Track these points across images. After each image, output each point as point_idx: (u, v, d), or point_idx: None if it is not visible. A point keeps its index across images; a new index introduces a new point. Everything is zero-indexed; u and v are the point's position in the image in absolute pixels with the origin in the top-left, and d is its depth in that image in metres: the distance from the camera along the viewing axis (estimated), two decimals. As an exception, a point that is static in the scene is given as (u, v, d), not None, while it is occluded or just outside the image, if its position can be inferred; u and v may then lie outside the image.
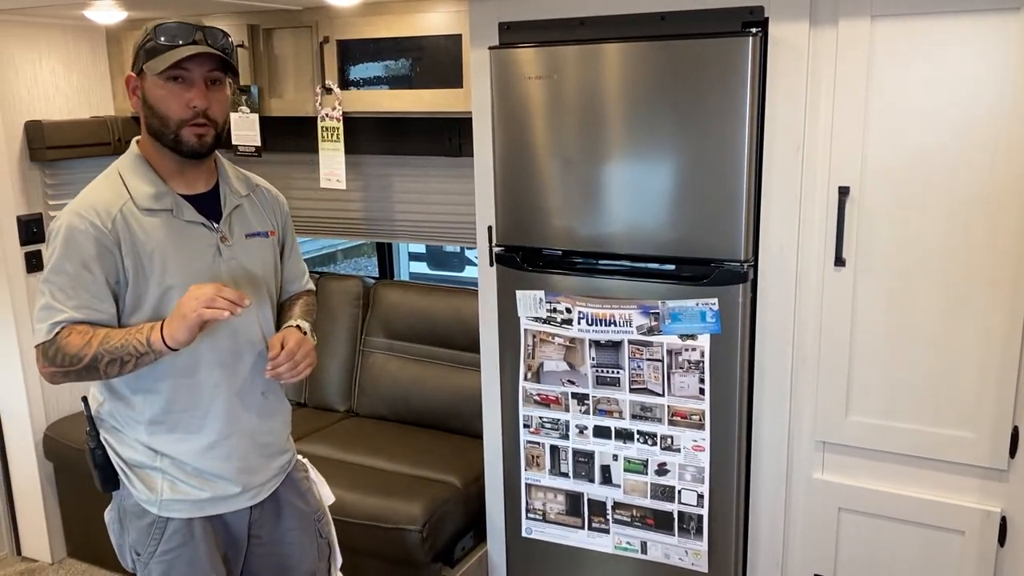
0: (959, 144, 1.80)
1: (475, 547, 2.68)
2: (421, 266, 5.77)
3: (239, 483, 1.77)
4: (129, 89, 1.69)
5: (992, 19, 1.73)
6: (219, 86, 1.68)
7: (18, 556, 3.22)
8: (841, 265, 1.94)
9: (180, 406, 1.71)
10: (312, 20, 2.82)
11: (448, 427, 3.01)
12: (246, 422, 1.77)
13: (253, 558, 1.88)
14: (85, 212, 1.63)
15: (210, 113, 1.65)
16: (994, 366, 1.84)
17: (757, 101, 1.93)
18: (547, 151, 2.15)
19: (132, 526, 1.76)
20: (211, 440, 1.73)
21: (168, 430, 1.71)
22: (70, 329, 1.60)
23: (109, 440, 1.75)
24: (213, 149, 1.71)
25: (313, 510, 1.95)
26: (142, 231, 1.65)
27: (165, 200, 1.68)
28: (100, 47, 3.25)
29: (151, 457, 1.72)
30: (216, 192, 1.77)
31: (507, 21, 2.19)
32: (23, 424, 3.07)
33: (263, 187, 1.91)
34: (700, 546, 2.17)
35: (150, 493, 1.72)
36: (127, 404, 1.72)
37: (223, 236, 1.74)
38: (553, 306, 2.20)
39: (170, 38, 1.61)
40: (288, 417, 1.93)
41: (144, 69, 1.63)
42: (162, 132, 1.66)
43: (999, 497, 1.91)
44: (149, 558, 1.75)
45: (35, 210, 3.03)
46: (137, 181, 1.68)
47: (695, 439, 2.11)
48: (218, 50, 1.64)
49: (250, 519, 1.83)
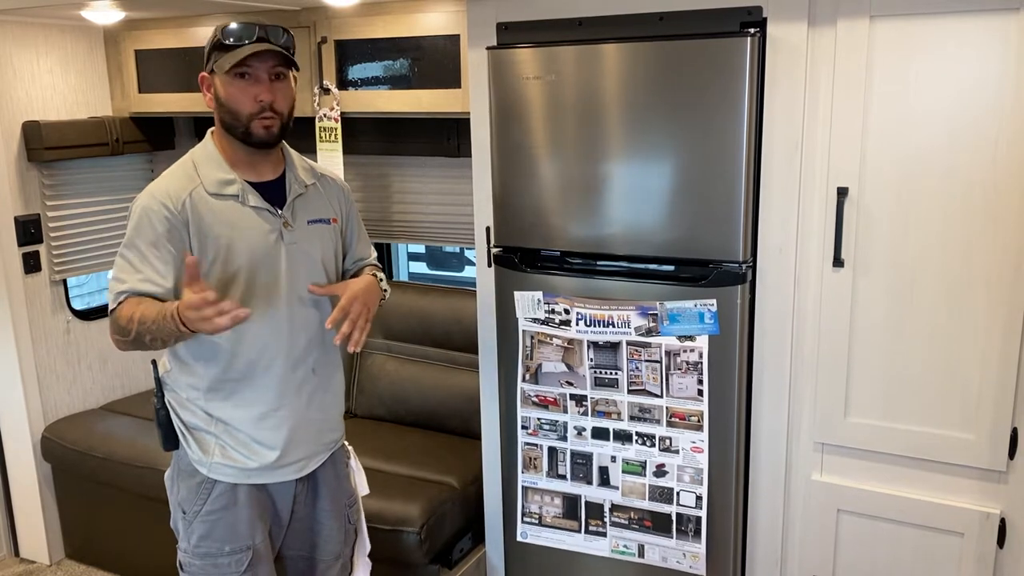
0: (958, 145, 1.79)
1: (473, 548, 2.68)
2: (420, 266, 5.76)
3: (285, 454, 1.87)
4: (203, 87, 1.83)
5: (991, 19, 1.72)
6: (283, 80, 1.80)
7: (16, 557, 3.21)
8: (840, 266, 1.94)
9: (235, 375, 1.83)
10: (310, 20, 2.82)
11: (446, 428, 3.01)
12: (297, 397, 1.88)
13: (289, 533, 1.98)
14: (159, 195, 1.76)
15: (276, 106, 1.78)
16: (993, 367, 1.84)
17: (756, 101, 1.92)
18: (545, 152, 2.14)
19: (183, 484, 1.88)
20: (263, 411, 1.85)
21: (224, 397, 1.84)
22: (127, 301, 1.73)
23: (172, 403, 1.88)
24: (280, 139, 1.84)
25: (347, 495, 2.06)
26: (210, 214, 1.77)
27: (233, 186, 1.81)
28: (98, 47, 3.24)
29: (207, 422, 1.85)
30: (282, 180, 1.89)
31: (505, 21, 2.19)
32: (21, 425, 3.07)
33: (328, 176, 2.02)
34: (698, 548, 2.16)
35: (203, 455, 1.84)
36: (189, 371, 1.85)
37: (286, 222, 1.85)
38: (551, 307, 2.20)
39: (235, 38, 1.75)
40: (340, 398, 2.04)
41: (214, 68, 1.77)
42: (233, 125, 1.79)
43: (998, 499, 1.91)
44: (194, 517, 1.86)
45: (33, 211, 3.03)
46: (208, 168, 1.81)
47: (694, 440, 2.11)
48: (280, 47, 1.76)
49: (294, 493, 1.93)
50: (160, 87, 3.18)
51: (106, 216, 3.29)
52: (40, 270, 3.07)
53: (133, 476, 2.80)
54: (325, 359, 1.94)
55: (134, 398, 3.36)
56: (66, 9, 2.77)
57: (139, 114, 3.26)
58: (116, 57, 3.25)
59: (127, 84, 3.25)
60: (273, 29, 1.77)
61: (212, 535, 1.86)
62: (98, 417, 3.16)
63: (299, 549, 2.01)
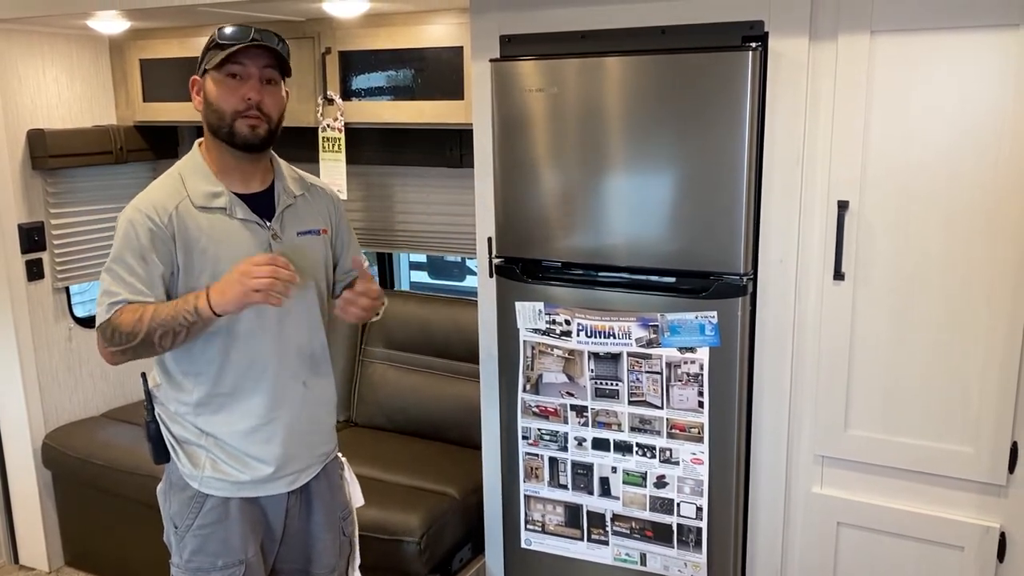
0: (958, 159, 1.80)
1: (473, 559, 2.68)
2: (422, 275, 5.77)
3: (277, 467, 1.85)
4: (193, 90, 1.81)
5: (991, 35, 1.73)
6: (274, 85, 1.79)
7: (16, 564, 3.21)
8: (840, 279, 1.94)
9: (225, 389, 1.81)
10: (314, 31, 2.83)
11: (447, 438, 3.01)
12: (287, 409, 1.86)
13: (284, 547, 1.96)
14: (144, 208, 1.74)
15: (263, 107, 1.76)
16: (993, 380, 1.84)
17: (757, 115, 1.93)
18: (547, 163, 2.15)
19: (175, 498, 1.86)
20: (253, 424, 1.83)
21: (214, 411, 1.82)
22: (123, 309, 1.71)
23: (162, 416, 1.87)
24: (267, 144, 1.80)
25: (341, 507, 2.04)
26: (196, 227, 1.75)
27: (220, 199, 1.78)
28: (103, 56, 3.26)
29: (197, 435, 1.83)
30: (271, 191, 1.86)
31: (508, 34, 2.20)
32: (22, 432, 3.07)
33: (318, 186, 1.99)
34: (699, 559, 2.16)
35: (194, 468, 1.83)
36: (178, 386, 1.83)
37: (274, 234, 1.83)
38: (552, 318, 2.20)
39: (228, 37, 1.74)
40: (333, 408, 2.02)
41: (206, 68, 1.76)
42: (219, 126, 1.76)
43: (998, 513, 1.91)
44: (185, 531, 1.85)
45: (36, 218, 3.04)
46: (195, 180, 1.79)
47: (694, 452, 2.11)
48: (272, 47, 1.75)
49: (287, 506, 1.91)
50: (164, 96, 3.20)
51: (109, 224, 3.29)
52: (43, 277, 3.08)
53: (133, 484, 2.80)
54: (316, 371, 1.92)
55: (135, 406, 3.36)
56: (72, 18, 2.79)
57: (143, 123, 3.28)
58: (121, 66, 3.27)
59: (132, 93, 3.26)
60: (267, 33, 1.76)
61: (204, 549, 1.84)
62: (99, 425, 3.17)
63: (294, 562, 1.99)
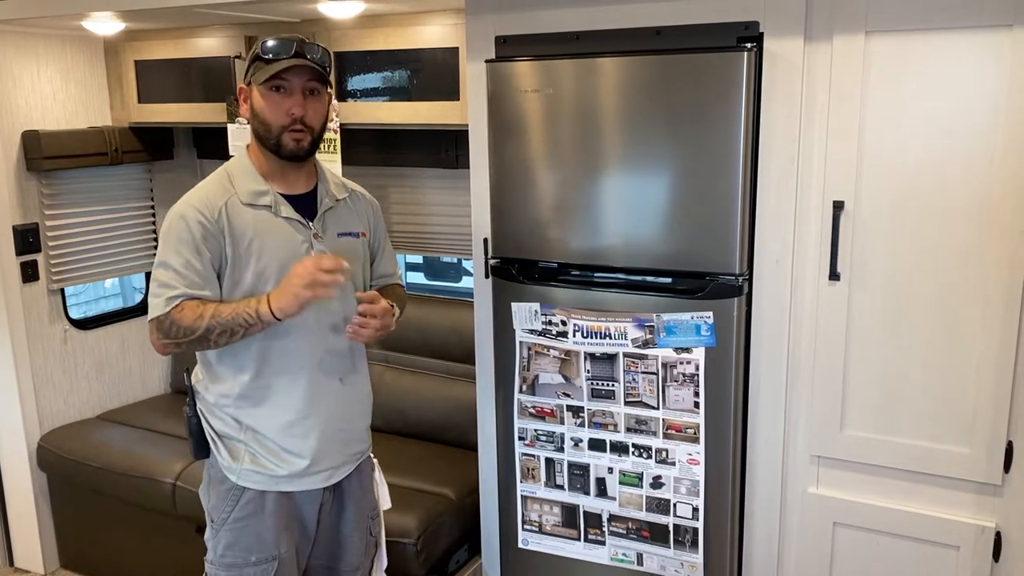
0: (953, 159, 1.81)
1: (469, 560, 2.67)
2: (418, 276, 5.76)
3: (312, 461, 1.90)
4: (240, 99, 1.90)
5: (985, 36, 1.74)
6: (316, 96, 1.87)
7: (11, 567, 3.20)
8: (836, 279, 1.95)
9: (265, 383, 1.88)
10: (310, 32, 2.83)
11: (443, 439, 3.01)
12: (324, 405, 1.92)
13: (315, 542, 2.01)
14: (196, 203, 1.82)
15: (307, 120, 1.84)
16: (988, 380, 1.85)
17: (752, 115, 1.94)
18: (543, 164, 2.15)
19: (214, 491, 1.93)
20: (291, 418, 1.89)
21: (254, 404, 1.88)
22: (183, 305, 1.78)
23: (203, 411, 1.93)
24: (310, 153, 1.89)
25: (370, 507, 2.10)
26: (243, 223, 1.83)
27: (266, 197, 1.86)
28: (98, 58, 3.26)
29: (237, 429, 1.89)
30: (314, 194, 1.95)
31: (504, 35, 2.20)
32: (17, 434, 3.06)
33: (359, 192, 2.08)
34: (696, 559, 2.16)
35: (232, 462, 1.89)
36: (220, 380, 1.89)
37: (316, 233, 1.90)
38: (548, 318, 2.20)
39: (272, 52, 1.80)
40: (368, 408, 2.08)
41: (251, 80, 1.84)
42: (266, 137, 1.84)
43: (993, 512, 1.91)
44: (221, 525, 1.91)
45: (31, 220, 3.03)
46: (242, 180, 1.87)
47: (690, 452, 2.11)
48: (315, 63, 1.82)
49: (321, 502, 1.96)
50: (160, 97, 3.20)
51: (105, 225, 3.29)
52: (38, 279, 3.07)
53: (129, 486, 2.79)
54: (353, 369, 1.99)
55: (131, 408, 3.36)
56: (67, 19, 2.79)
57: (138, 124, 3.28)
58: (116, 67, 3.26)
59: (127, 94, 3.26)
60: (310, 46, 1.82)
61: (238, 544, 1.89)
62: (94, 427, 3.16)
63: (321, 558, 2.04)
